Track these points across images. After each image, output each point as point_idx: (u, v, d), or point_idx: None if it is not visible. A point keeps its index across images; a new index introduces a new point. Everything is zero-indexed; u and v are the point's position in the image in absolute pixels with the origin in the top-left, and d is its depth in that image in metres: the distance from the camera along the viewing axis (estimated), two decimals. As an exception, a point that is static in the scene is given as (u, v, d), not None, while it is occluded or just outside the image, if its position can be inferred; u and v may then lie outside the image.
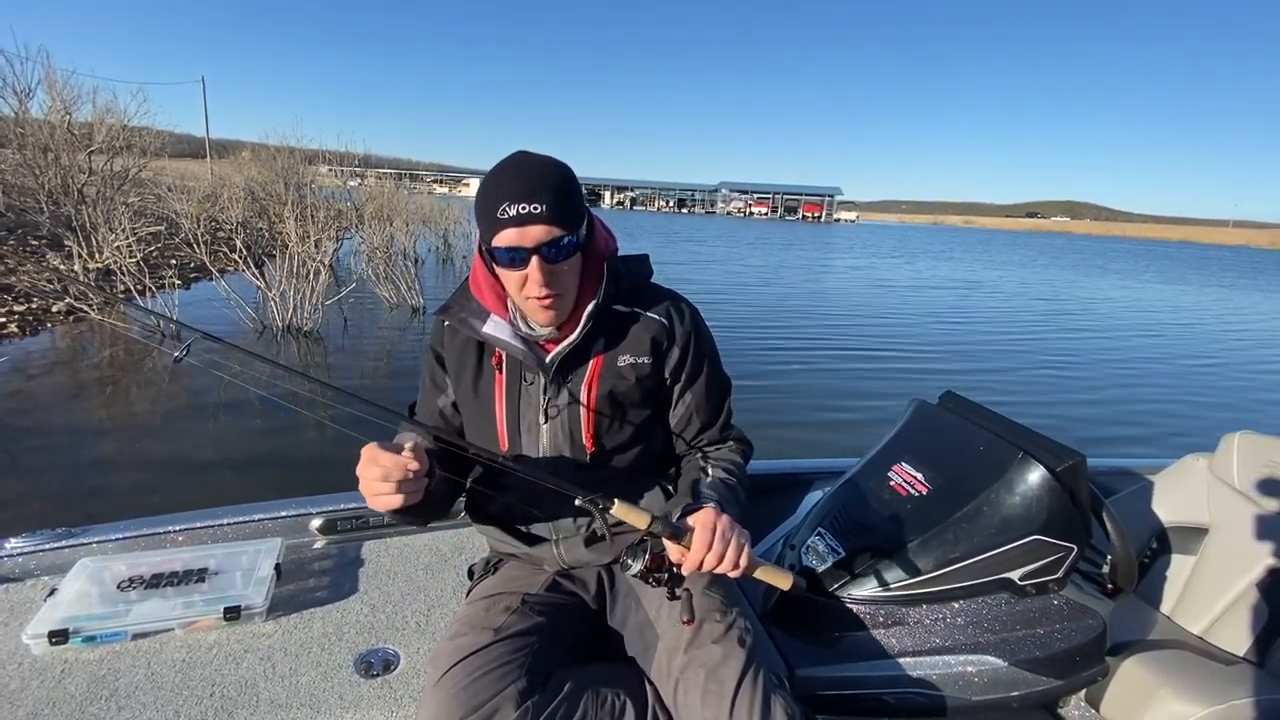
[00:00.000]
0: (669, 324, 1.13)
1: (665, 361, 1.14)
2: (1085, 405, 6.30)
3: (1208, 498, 1.56)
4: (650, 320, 1.12)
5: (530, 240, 0.95)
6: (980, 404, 1.52)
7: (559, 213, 0.95)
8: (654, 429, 1.19)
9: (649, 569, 0.98)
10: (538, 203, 0.94)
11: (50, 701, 1.07)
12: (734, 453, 1.22)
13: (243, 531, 1.55)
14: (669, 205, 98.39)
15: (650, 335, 1.12)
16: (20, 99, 10.38)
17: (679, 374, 1.16)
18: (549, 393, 1.10)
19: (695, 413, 1.18)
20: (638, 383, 1.11)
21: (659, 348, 1.12)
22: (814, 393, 6.10)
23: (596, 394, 1.09)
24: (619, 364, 1.10)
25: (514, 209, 0.94)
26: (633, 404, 1.13)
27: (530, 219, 0.94)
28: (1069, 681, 1.28)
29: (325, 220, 10.47)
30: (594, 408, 1.09)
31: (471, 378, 1.14)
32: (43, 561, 1.41)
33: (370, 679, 1.17)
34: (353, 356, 6.62)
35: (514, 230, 0.95)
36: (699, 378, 1.17)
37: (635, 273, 1.15)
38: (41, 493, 1.09)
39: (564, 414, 1.10)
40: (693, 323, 1.16)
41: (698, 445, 1.22)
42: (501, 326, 1.08)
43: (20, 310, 6.66)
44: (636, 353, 1.11)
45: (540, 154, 1.02)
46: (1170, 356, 9.07)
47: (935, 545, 1.27)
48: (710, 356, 1.19)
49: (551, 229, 0.95)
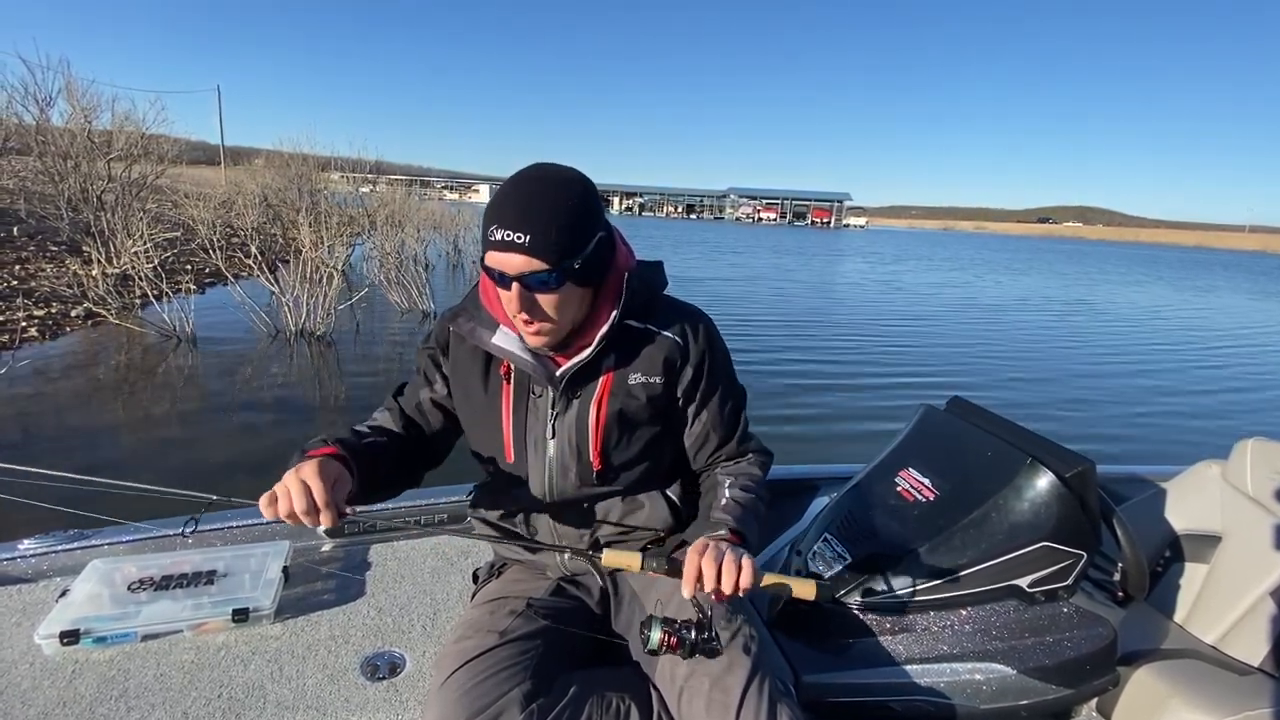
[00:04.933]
0: (683, 343, 1.10)
1: (678, 381, 1.12)
2: (1094, 411, 6.23)
3: (1221, 505, 1.54)
4: (664, 339, 1.09)
5: (512, 268, 0.94)
6: (988, 409, 1.51)
7: (544, 246, 0.92)
8: (663, 446, 1.16)
9: (667, 645, 0.96)
10: (522, 232, 0.91)
11: (61, 701, 1.08)
12: (753, 465, 1.19)
13: (251, 534, 1.56)
14: (678, 211, 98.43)
15: (664, 355, 1.09)
16: (42, 108, 10.58)
17: (693, 393, 1.13)
18: (557, 407, 1.08)
19: (712, 430, 1.16)
20: (649, 402, 1.09)
21: (672, 367, 1.10)
22: (820, 397, 6.08)
23: (606, 411, 1.07)
24: (630, 382, 1.08)
25: (500, 234, 0.92)
26: (642, 422, 1.10)
27: (512, 247, 0.92)
28: (1079, 690, 1.26)
29: (338, 226, 10.57)
30: (603, 425, 1.07)
31: (479, 386, 1.12)
32: (55, 563, 1.43)
33: (376, 682, 1.17)
34: (364, 361, 6.68)
35: (498, 254, 0.94)
36: (714, 396, 1.15)
37: (650, 284, 1.11)
38: (55, 494, 1.10)
39: (572, 430, 1.08)
40: (707, 340, 1.13)
41: (716, 461, 1.19)
42: (511, 339, 1.06)
43: (40, 315, 6.77)
44: (649, 372, 1.08)
45: (558, 171, 0.99)
46: (1183, 362, 8.95)
47: (943, 551, 1.26)
48: (725, 372, 1.16)
49: (532, 261, 0.92)
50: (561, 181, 0.97)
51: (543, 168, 0.99)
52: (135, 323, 6.84)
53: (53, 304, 7.14)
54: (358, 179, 17.80)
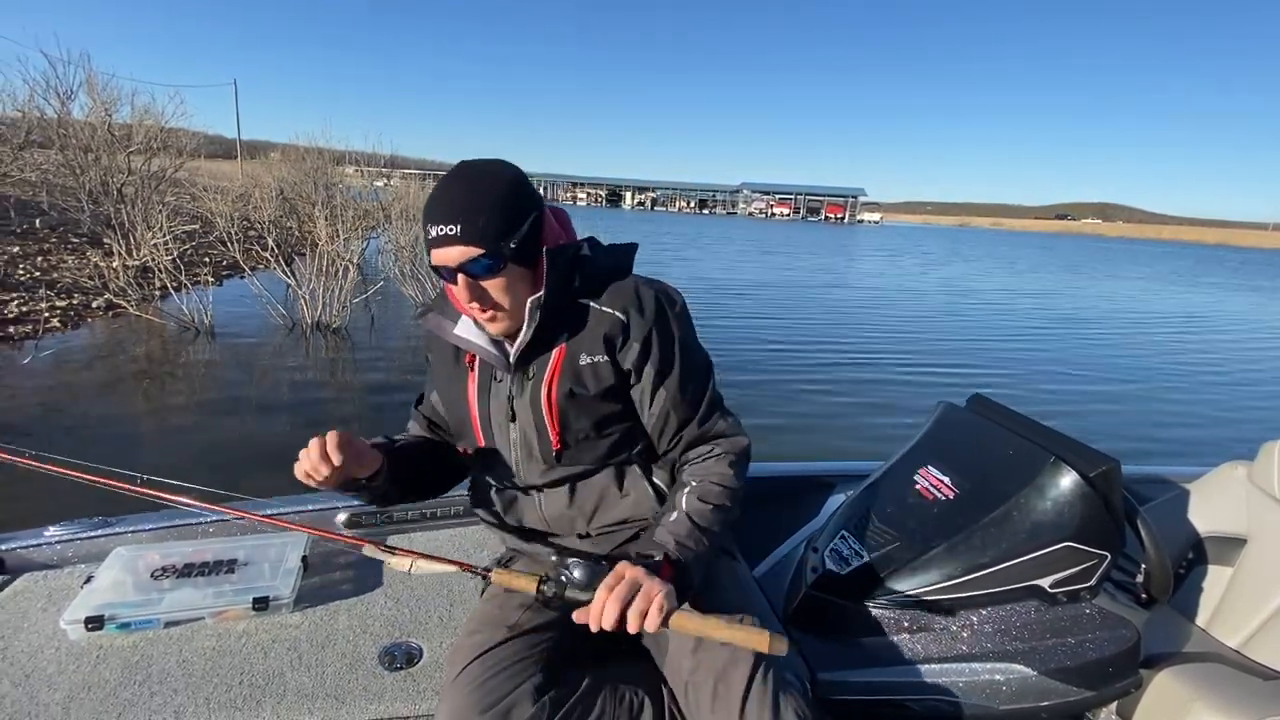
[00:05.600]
0: (625, 318, 1.06)
1: (622, 358, 1.07)
2: (1118, 411, 6.14)
3: (1246, 507, 1.51)
4: (603, 314, 1.06)
5: (453, 260, 0.97)
6: (1009, 407, 1.49)
7: (475, 233, 0.96)
8: (629, 425, 1.12)
9: None
10: (453, 224, 0.96)
11: (86, 685, 1.10)
12: (719, 461, 1.10)
13: (270, 525, 1.58)
14: (690, 206, 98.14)
15: (603, 331, 1.05)
16: (63, 101, 10.73)
17: (641, 369, 1.08)
18: (514, 389, 1.10)
19: (672, 410, 1.09)
20: (596, 378, 1.06)
21: (612, 344, 1.06)
22: (837, 394, 6.04)
23: (558, 392, 1.06)
24: (580, 362, 1.06)
25: (434, 230, 0.97)
26: (595, 400, 1.07)
27: (447, 240, 0.97)
28: (1100, 693, 1.24)
29: (353, 219, 10.64)
30: (555, 403, 1.07)
31: (450, 376, 1.17)
32: (80, 550, 1.45)
33: (394, 671, 1.18)
34: (379, 354, 6.72)
35: (438, 251, 0.98)
36: (670, 374, 1.08)
37: (605, 264, 1.10)
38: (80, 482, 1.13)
39: (529, 410, 1.09)
40: (655, 313, 1.07)
41: (677, 446, 1.13)
42: (470, 328, 1.10)
43: (62, 305, 6.88)
44: (591, 350, 1.06)
45: (482, 164, 1.02)
46: (1209, 361, 8.80)
47: (962, 550, 1.25)
48: (682, 345, 1.10)
49: (468, 249, 0.96)
50: (485, 171, 1.01)
51: (467, 164, 1.02)
52: (155, 314, 6.93)
53: (74, 295, 7.26)
54: (372, 173, 17.90)
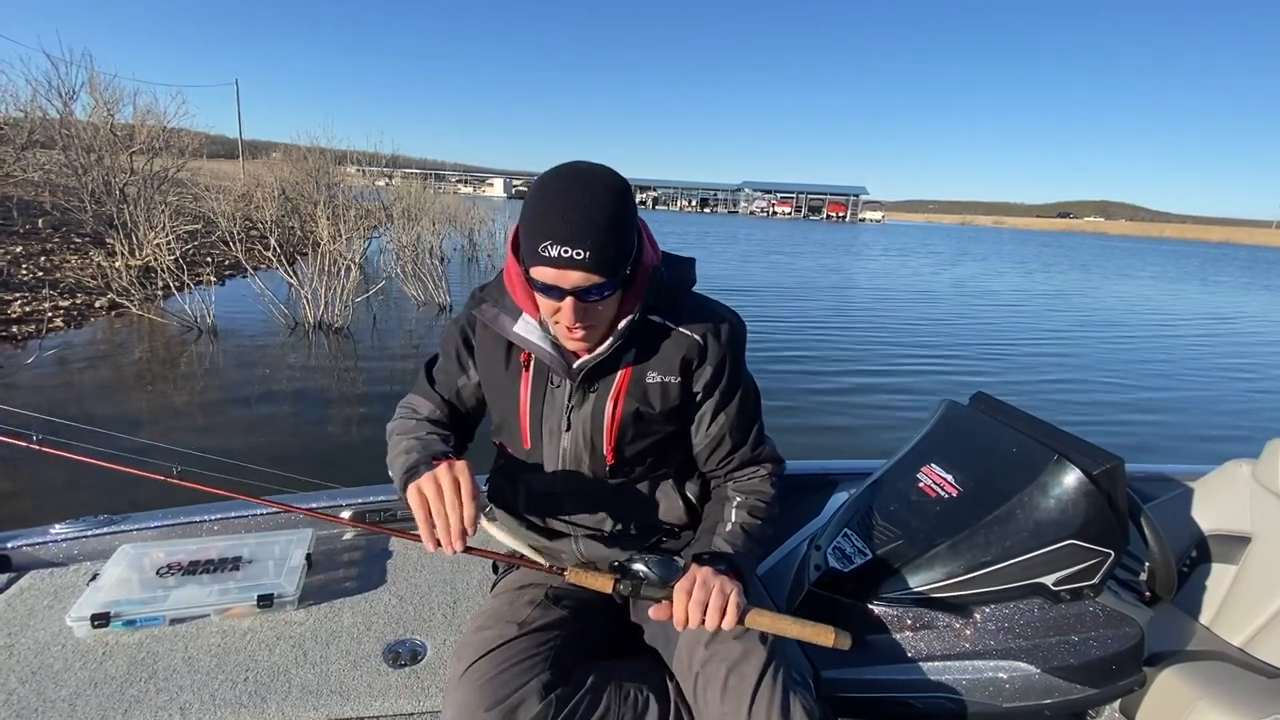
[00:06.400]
0: (703, 342, 1.07)
1: (695, 380, 1.09)
2: (1122, 409, 6.14)
3: (1250, 505, 1.51)
4: (684, 337, 1.06)
5: (568, 283, 0.90)
6: (1012, 405, 1.49)
7: (602, 261, 0.89)
8: (678, 443, 1.15)
9: None
10: (580, 249, 0.88)
11: (92, 682, 1.10)
12: (765, 481, 1.16)
13: (275, 522, 1.58)
14: (691, 205, 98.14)
15: (681, 354, 1.06)
16: (65, 101, 10.73)
17: (710, 394, 1.10)
18: (574, 400, 1.08)
19: (727, 434, 1.13)
20: (665, 400, 1.07)
21: (689, 367, 1.07)
22: (841, 392, 6.04)
23: (622, 408, 1.06)
24: (648, 380, 1.06)
25: (555, 250, 0.88)
26: (657, 420, 1.09)
27: (570, 264, 0.88)
28: (1104, 691, 1.24)
29: (355, 219, 10.65)
30: (618, 421, 1.07)
31: (499, 371, 1.12)
32: (85, 547, 1.46)
33: (398, 669, 1.18)
34: (381, 353, 6.73)
35: (552, 270, 0.90)
36: (732, 399, 1.12)
37: (677, 281, 1.08)
38: (85, 480, 1.14)
39: (587, 423, 1.08)
40: (730, 342, 1.09)
41: (727, 467, 1.17)
42: (532, 328, 1.05)
43: (65, 305, 6.89)
44: (666, 370, 1.06)
45: (601, 177, 0.92)
46: (1213, 360, 8.79)
47: (965, 548, 1.25)
48: (744, 372, 1.14)
49: (591, 276, 0.90)
50: (605, 185, 0.92)
51: (584, 173, 0.93)
52: (157, 313, 6.95)
53: (77, 295, 7.28)
54: (374, 173, 17.92)
